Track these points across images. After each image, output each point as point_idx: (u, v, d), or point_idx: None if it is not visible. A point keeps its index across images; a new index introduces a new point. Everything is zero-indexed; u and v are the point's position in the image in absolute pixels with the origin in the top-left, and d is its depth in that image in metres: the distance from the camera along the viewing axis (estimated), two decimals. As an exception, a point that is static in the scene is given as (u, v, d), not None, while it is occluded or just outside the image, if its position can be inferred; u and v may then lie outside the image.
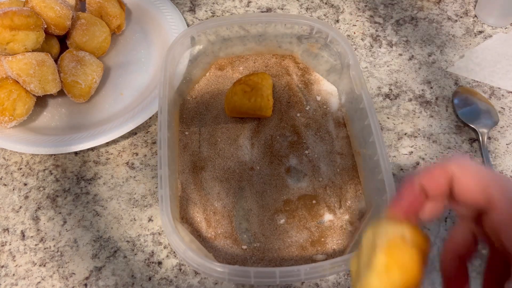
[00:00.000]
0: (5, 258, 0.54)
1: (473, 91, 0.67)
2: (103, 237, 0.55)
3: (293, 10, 0.77)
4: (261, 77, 0.62)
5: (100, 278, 0.53)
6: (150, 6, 0.74)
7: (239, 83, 0.61)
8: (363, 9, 0.77)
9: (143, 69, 0.69)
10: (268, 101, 0.60)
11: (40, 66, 0.59)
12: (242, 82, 0.61)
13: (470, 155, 0.61)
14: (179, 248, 0.47)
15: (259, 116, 0.62)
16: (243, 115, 0.62)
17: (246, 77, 0.62)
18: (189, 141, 0.62)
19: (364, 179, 0.57)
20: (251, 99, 0.60)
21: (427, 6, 0.78)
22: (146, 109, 0.62)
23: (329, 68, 0.66)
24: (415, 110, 0.65)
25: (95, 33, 0.66)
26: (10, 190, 0.59)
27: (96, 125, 0.62)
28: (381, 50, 0.72)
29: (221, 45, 0.68)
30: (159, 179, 0.50)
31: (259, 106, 0.60)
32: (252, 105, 0.60)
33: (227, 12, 0.77)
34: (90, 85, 0.63)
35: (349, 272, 0.53)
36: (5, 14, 0.57)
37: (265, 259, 0.53)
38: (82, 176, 0.60)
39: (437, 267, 0.53)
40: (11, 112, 0.59)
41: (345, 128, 0.63)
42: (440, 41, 0.73)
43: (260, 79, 0.61)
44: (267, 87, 0.61)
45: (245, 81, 0.61)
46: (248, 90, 0.60)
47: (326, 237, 0.54)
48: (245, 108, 0.60)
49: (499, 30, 0.74)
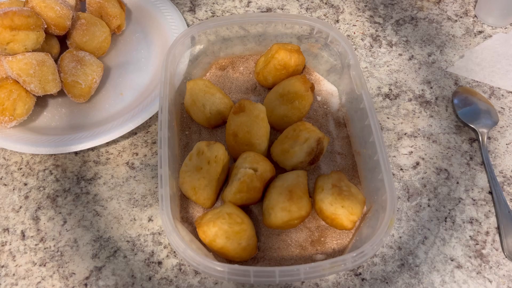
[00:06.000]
0: (5, 258, 0.54)
1: (473, 91, 0.67)
2: (103, 237, 0.55)
3: (293, 10, 0.77)
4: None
5: (100, 278, 0.53)
6: (150, 6, 0.74)
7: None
8: (363, 9, 0.77)
9: (143, 69, 0.69)
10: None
11: (40, 66, 0.59)
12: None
13: (470, 155, 0.61)
14: (179, 248, 0.47)
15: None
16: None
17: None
18: (189, 140, 0.62)
19: (364, 179, 0.57)
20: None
21: (427, 6, 0.78)
22: (146, 109, 0.62)
23: (329, 68, 0.66)
24: (415, 110, 0.65)
25: (95, 33, 0.66)
26: (10, 190, 0.59)
27: (96, 125, 0.62)
28: (381, 50, 0.72)
29: (221, 45, 0.68)
30: (159, 179, 0.50)
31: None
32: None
33: (227, 12, 0.77)
34: (90, 85, 0.63)
35: (349, 272, 0.53)
36: (5, 14, 0.57)
37: (264, 258, 0.53)
38: (82, 176, 0.60)
39: (436, 267, 0.54)
40: (11, 112, 0.59)
41: (345, 128, 0.63)
42: (440, 41, 0.73)
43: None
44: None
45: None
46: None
47: (326, 237, 0.54)
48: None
49: (499, 30, 0.74)
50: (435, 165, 0.61)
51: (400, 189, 0.59)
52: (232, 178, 0.54)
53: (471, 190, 0.59)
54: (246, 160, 0.54)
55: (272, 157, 0.58)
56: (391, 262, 0.54)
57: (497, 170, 0.60)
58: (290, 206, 0.51)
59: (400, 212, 0.57)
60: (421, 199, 0.58)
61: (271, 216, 0.52)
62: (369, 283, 0.52)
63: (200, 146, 0.55)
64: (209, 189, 0.54)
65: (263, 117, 0.56)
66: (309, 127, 0.56)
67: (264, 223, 0.54)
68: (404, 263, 0.54)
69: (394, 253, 0.54)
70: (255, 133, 0.56)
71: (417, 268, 0.53)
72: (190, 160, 0.55)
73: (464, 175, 0.60)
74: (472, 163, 0.61)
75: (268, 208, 0.52)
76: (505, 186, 0.59)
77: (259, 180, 0.53)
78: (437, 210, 0.57)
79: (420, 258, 0.54)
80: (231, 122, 0.56)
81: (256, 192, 0.53)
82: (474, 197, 0.58)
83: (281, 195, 0.52)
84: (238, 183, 0.52)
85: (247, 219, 0.52)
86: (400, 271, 0.53)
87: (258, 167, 0.53)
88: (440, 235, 0.55)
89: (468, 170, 0.60)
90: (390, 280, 0.52)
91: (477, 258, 0.54)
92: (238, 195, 0.53)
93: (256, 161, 0.54)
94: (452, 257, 0.54)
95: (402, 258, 0.54)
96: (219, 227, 0.49)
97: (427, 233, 0.56)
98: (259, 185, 0.53)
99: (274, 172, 0.55)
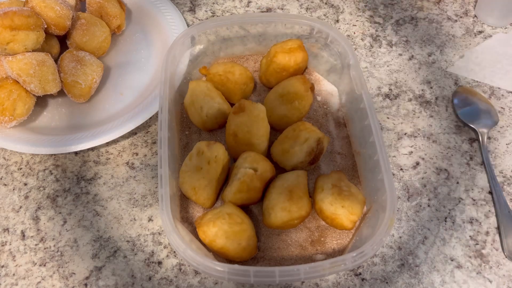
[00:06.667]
0: (5, 258, 0.54)
1: (473, 91, 0.67)
2: (103, 237, 0.55)
3: (293, 10, 0.77)
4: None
5: (100, 278, 0.53)
6: (150, 6, 0.74)
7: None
8: (363, 9, 0.77)
9: (143, 69, 0.69)
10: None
11: (40, 66, 0.59)
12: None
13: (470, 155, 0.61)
14: (179, 247, 0.47)
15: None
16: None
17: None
18: (189, 141, 0.62)
19: (364, 179, 0.57)
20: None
21: (427, 6, 0.78)
22: (146, 109, 0.62)
23: (329, 68, 0.66)
24: (415, 110, 0.65)
25: (95, 33, 0.66)
26: (10, 190, 0.59)
27: (96, 125, 0.62)
28: (381, 50, 0.72)
29: (221, 45, 0.68)
30: (159, 178, 0.50)
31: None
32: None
33: (227, 12, 0.77)
34: (90, 85, 0.63)
35: (349, 272, 0.53)
36: (5, 14, 0.57)
37: (264, 258, 0.53)
38: (82, 176, 0.60)
39: (436, 267, 0.53)
40: (11, 112, 0.59)
41: (345, 128, 0.63)
42: (440, 41, 0.73)
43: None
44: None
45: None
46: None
47: (326, 236, 0.54)
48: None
49: (499, 30, 0.74)
50: (435, 165, 0.61)
51: (400, 189, 0.59)
52: (232, 178, 0.54)
53: (471, 190, 0.59)
54: (246, 160, 0.54)
55: (272, 157, 0.58)
56: (391, 262, 0.54)
57: (497, 170, 0.60)
58: (290, 206, 0.51)
59: (400, 212, 0.57)
60: (421, 199, 0.58)
61: (271, 216, 0.52)
62: (369, 283, 0.52)
63: (200, 146, 0.55)
64: (209, 189, 0.54)
65: (263, 117, 0.56)
66: (309, 127, 0.56)
67: (264, 223, 0.54)
68: (404, 263, 0.54)
69: (394, 253, 0.54)
70: (255, 133, 0.56)
71: (417, 268, 0.53)
72: (190, 160, 0.55)
73: (464, 175, 0.60)
74: (472, 163, 0.61)
75: (268, 208, 0.52)
76: (505, 186, 0.59)
77: (259, 180, 0.53)
78: (437, 210, 0.57)
79: (420, 258, 0.54)
80: (231, 122, 0.56)
81: (256, 192, 0.53)
82: (474, 197, 0.58)
83: (281, 195, 0.52)
84: (238, 183, 0.52)
85: (247, 219, 0.52)
86: (400, 271, 0.53)
87: (258, 167, 0.53)
88: (440, 235, 0.55)
89: (468, 170, 0.60)
90: (390, 280, 0.52)
91: (477, 258, 0.54)
92: (238, 195, 0.53)
93: (256, 161, 0.54)
94: (452, 257, 0.54)
95: (402, 258, 0.54)
96: (219, 227, 0.49)
97: (427, 233, 0.56)
98: (259, 185, 0.53)
99: (274, 172, 0.55)
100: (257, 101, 0.64)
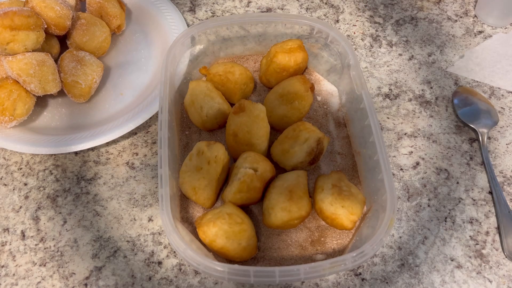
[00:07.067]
0: (5, 258, 0.54)
1: (473, 91, 0.67)
2: (103, 237, 0.55)
3: (293, 10, 0.77)
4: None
5: (100, 278, 0.53)
6: (150, 6, 0.74)
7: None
8: (363, 9, 0.77)
9: (143, 69, 0.69)
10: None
11: (40, 66, 0.59)
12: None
13: (470, 155, 0.61)
14: (179, 247, 0.47)
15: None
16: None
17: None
18: (189, 141, 0.62)
19: (364, 179, 0.57)
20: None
21: (427, 6, 0.78)
22: (146, 109, 0.62)
23: (329, 68, 0.66)
24: (415, 110, 0.65)
25: (95, 33, 0.66)
26: (10, 190, 0.59)
27: (96, 125, 0.62)
28: (381, 50, 0.72)
29: (221, 45, 0.68)
30: (159, 178, 0.50)
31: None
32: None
33: (227, 12, 0.77)
34: (90, 85, 0.63)
35: (349, 272, 0.53)
36: (5, 14, 0.57)
37: (264, 258, 0.53)
38: (82, 176, 0.60)
39: (436, 267, 0.53)
40: (11, 112, 0.59)
41: (345, 128, 0.63)
42: (440, 41, 0.73)
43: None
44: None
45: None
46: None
47: (326, 237, 0.54)
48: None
49: (499, 30, 0.74)
50: (435, 165, 0.61)
51: (400, 189, 0.59)
52: (232, 178, 0.54)
53: (471, 190, 0.59)
54: (246, 160, 0.54)
55: (272, 157, 0.58)
56: (391, 262, 0.54)
57: (497, 170, 0.60)
58: (290, 206, 0.51)
59: (400, 212, 0.57)
60: (421, 199, 0.58)
61: (271, 216, 0.52)
62: (369, 283, 0.52)
63: (200, 146, 0.55)
64: (209, 189, 0.54)
65: (263, 117, 0.56)
66: (309, 127, 0.56)
67: (264, 223, 0.54)
68: (404, 263, 0.54)
69: (394, 253, 0.54)
70: (255, 133, 0.56)
71: (417, 268, 0.53)
72: (190, 160, 0.55)
73: (464, 175, 0.60)
74: (472, 163, 0.61)
75: (268, 208, 0.52)
76: (505, 186, 0.59)
77: (259, 180, 0.53)
78: (437, 210, 0.57)
79: (420, 258, 0.54)
80: (231, 122, 0.56)
81: (256, 192, 0.53)
82: (474, 197, 0.58)
83: (281, 195, 0.52)
84: (238, 183, 0.52)
85: (247, 219, 0.52)
86: (400, 271, 0.53)
87: (258, 167, 0.53)
88: (440, 235, 0.55)
89: (468, 170, 0.60)
90: (390, 280, 0.52)
91: (477, 258, 0.54)
92: (238, 195, 0.53)
93: (256, 161, 0.54)
94: (452, 257, 0.54)
95: (402, 258, 0.54)
96: (219, 227, 0.49)
97: (427, 233, 0.56)
98: (259, 185, 0.53)
99: (274, 172, 0.55)
100: (257, 101, 0.64)
